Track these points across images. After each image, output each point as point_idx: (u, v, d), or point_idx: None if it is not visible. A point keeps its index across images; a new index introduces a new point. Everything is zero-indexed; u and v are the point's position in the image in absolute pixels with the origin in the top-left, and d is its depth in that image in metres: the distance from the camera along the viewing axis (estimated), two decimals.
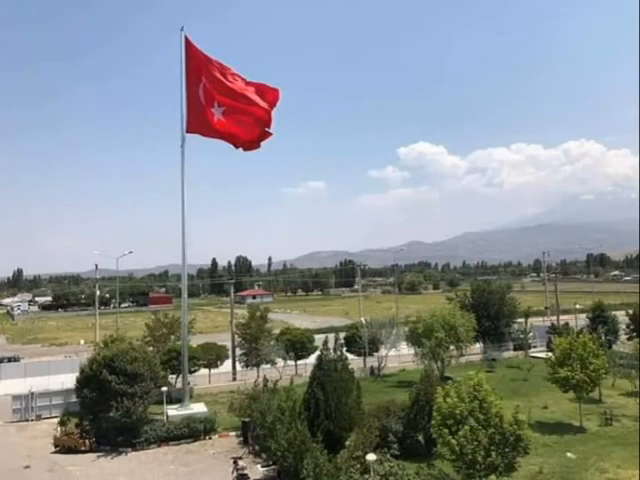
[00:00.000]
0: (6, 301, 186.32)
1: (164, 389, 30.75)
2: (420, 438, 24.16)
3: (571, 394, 29.62)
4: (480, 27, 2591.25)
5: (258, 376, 38.28)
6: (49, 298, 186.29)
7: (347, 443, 22.73)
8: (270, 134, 29.95)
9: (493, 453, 17.59)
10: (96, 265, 59.30)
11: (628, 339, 49.50)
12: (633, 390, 34.31)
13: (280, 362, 42.35)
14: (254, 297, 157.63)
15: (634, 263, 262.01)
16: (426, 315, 42.40)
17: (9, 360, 51.94)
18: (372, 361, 45.61)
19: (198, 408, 31.46)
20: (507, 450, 17.93)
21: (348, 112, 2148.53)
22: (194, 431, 28.48)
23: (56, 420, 30.24)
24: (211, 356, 41.15)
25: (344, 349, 31.83)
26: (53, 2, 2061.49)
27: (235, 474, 22.28)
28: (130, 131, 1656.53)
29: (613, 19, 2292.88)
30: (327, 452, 20.26)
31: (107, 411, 27.97)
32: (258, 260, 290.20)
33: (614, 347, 46.21)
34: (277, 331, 47.04)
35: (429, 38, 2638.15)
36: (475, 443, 17.51)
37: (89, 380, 28.45)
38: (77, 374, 30.27)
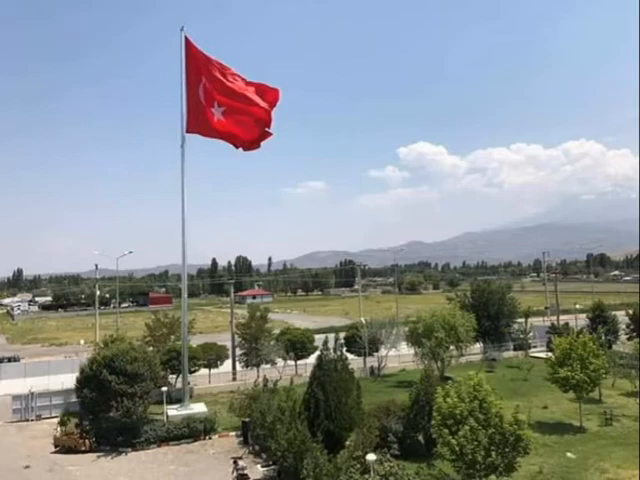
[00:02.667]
0: (6, 301, 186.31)
1: (164, 389, 30.80)
2: (420, 438, 24.18)
3: (571, 394, 29.61)
4: (480, 27, 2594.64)
5: (258, 376, 38.34)
6: (49, 298, 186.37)
7: (347, 443, 22.73)
8: (270, 134, 29.94)
9: (493, 453, 17.59)
10: (96, 265, 59.47)
11: (628, 339, 49.48)
12: (633, 390, 34.30)
13: (280, 362, 42.33)
14: (254, 297, 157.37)
15: (634, 263, 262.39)
16: (426, 315, 42.34)
17: (9, 360, 51.93)
18: (372, 361, 45.58)
19: (198, 408, 31.46)
20: (507, 450, 17.92)
21: (348, 112, 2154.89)
22: (194, 431, 28.46)
23: (56, 420, 30.27)
24: (211, 356, 41.13)
25: (344, 349, 31.91)
26: (53, 2, 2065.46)
27: (235, 474, 22.27)
28: (130, 131, 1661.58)
29: (613, 19, 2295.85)
30: (327, 452, 20.24)
31: (107, 411, 27.99)
32: (258, 260, 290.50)
33: (614, 347, 46.13)
34: (277, 331, 46.98)
35: (429, 38, 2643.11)
36: (475, 443, 17.51)
37: (89, 380, 28.48)
38: (77, 374, 30.30)
